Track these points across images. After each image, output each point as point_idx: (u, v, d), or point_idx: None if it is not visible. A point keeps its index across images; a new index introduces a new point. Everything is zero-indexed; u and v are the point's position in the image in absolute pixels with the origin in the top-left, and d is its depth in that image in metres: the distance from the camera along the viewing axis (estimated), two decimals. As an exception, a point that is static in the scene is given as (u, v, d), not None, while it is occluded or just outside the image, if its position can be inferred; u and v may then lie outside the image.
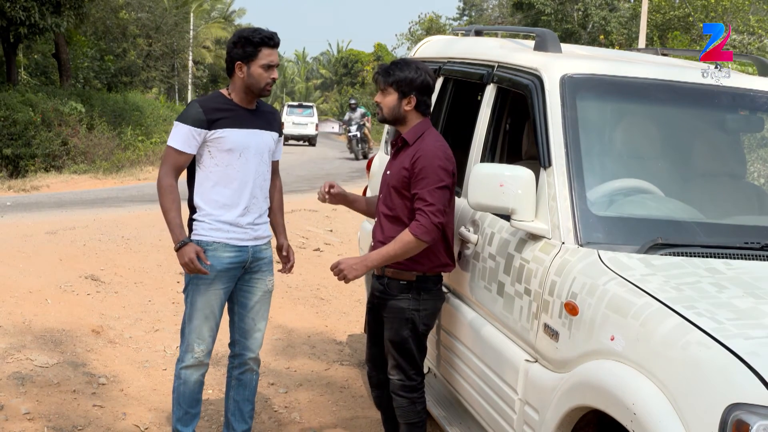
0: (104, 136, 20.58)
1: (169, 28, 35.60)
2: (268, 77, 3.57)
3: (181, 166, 3.63)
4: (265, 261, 3.82)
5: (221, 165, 3.61)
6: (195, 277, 3.65)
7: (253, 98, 3.66)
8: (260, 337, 3.90)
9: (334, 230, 10.38)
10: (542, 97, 3.28)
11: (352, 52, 68.94)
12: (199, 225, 3.65)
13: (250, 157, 3.64)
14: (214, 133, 3.57)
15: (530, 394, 2.95)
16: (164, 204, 3.59)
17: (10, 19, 18.44)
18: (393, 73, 3.45)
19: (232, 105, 3.64)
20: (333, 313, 6.78)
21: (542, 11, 32.55)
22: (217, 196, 3.63)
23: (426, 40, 5.17)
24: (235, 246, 3.66)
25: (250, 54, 3.55)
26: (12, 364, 4.83)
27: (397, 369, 3.55)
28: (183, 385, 3.78)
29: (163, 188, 3.59)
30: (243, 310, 3.83)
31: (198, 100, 3.69)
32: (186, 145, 3.57)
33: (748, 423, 2.02)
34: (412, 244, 3.33)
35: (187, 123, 3.55)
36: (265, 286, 3.84)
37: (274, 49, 3.59)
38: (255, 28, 3.62)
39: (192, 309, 3.70)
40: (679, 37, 20.60)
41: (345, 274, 3.39)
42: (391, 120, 3.53)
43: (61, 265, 7.06)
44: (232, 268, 3.69)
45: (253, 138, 3.66)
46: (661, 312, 2.42)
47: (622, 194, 3.18)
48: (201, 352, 3.72)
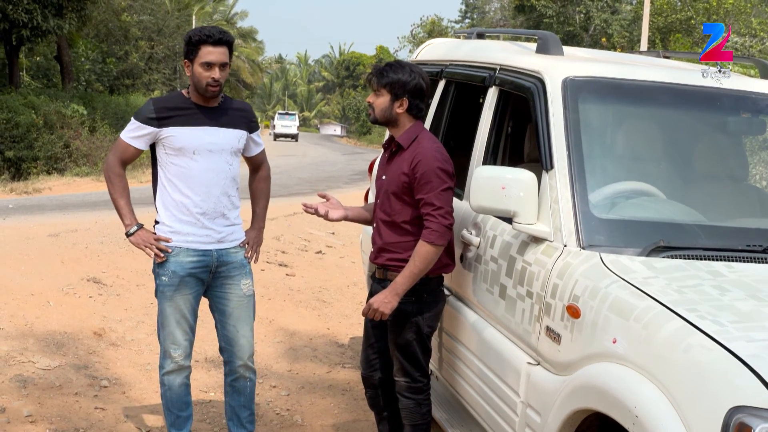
0: (106, 139, 20.60)
1: (171, 30, 35.67)
2: (208, 76, 3.48)
3: (128, 159, 3.65)
4: (235, 265, 3.71)
5: (177, 165, 3.57)
6: (161, 283, 3.63)
7: (209, 97, 3.56)
8: (246, 344, 3.79)
9: (336, 233, 10.38)
10: (544, 99, 3.28)
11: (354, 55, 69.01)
12: (159, 229, 3.64)
13: (206, 156, 3.57)
14: (162, 132, 3.55)
15: (532, 397, 2.95)
16: (112, 192, 3.66)
17: (12, 21, 18.48)
18: (387, 74, 3.44)
19: (187, 104, 3.59)
20: (335, 315, 6.78)
21: (544, 14, 32.58)
22: (176, 197, 3.59)
23: (428, 43, 5.17)
24: (197, 250, 3.61)
25: (191, 52, 3.51)
26: (14, 367, 4.83)
27: (402, 372, 3.55)
28: (169, 390, 3.77)
29: (109, 177, 3.65)
30: (222, 317, 3.77)
31: (154, 98, 3.69)
32: (132, 139, 3.59)
33: (751, 426, 2.01)
34: (431, 253, 3.31)
35: (137, 119, 3.59)
36: (240, 291, 3.74)
37: (217, 47, 3.48)
38: (200, 27, 3.55)
39: (162, 316, 3.67)
40: (681, 40, 20.59)
41: (381, 311, 3.35)
42: (383, 121, 3.52)
43: (63, 268, 7.06)
44: (196, 272, 3.63)
45: (208, 136, 3.57)
46: (664, 315, 2.42)
47: (624, 197, 3.18)
48: (179, 356, 3.70)
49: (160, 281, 3.64)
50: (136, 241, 3.62)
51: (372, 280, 3.68)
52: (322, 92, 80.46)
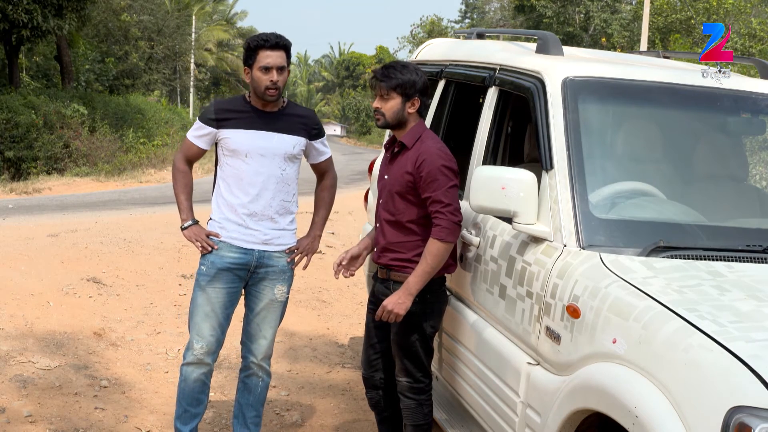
0: (106, 139, 20.63)
1: (171, 30, 35.66)
2: (266, 80, 3.55)
3: (192, 157, 3.79)
4: (275, 269, 3.75)
5: (232, 166, 3.67)
6: (199, 273, 3.72)
7: (270, 102, 3.63)
8: (265, 344, 3.84)
9: (335, 233, 10.38)
10: (544, 99, 3.28)
11: (353, 55, 69.07)
12: (210, 225, 3.74)
13: (258, 159, 3.63)
14: (220, 133, 3.66)
15: (532, 397, 2.95)
16: (174, 187, 3.82)
17: (12, 21, 18.48)
18: (394, 77, 3.41)
19: (247, 107, 3.67)
20: (335, 315, 6.78)
21: (544, 14, 32.60)
22: (227, 196, 3.69)
23: (428, 43, 5.17)
24: (239, 247, 3.67)
25: (249, 58, 3.60)
26: (14, 367, 4.83)
27: (404, 372, 3.55)
28: (183, 382, 3.79)
29: (173, 173, 3.82)
30: (250, 313, 3.83)
31: (217, 100, 3.84)
32: (195, 138, 3.73)
33: (750, 426, 2.01)
34: (442, 250, 3.31)
35: (200, 119, 3.74)
36: (273, 294, 3.77)
37: (274, 51, 3.56)
38: (258, 33, 3.65)
39: (193, 306, 3.75)
40: (680, 40, 20.60)
41: (396, 312, 3.34)
42: (394, 124, 3.48)
43: (62, 268, 7.06)
44: (234, 268, 3.68)
45: (263, 141, 3.63)
46: (663, 315, 2.42)
47: (623, 197, 3.18)
48: (200, 350, 3.72)
49: (199, 271, 3.74)
50: (188, 235, 3.74)
51: (373, 279, 3.68)
52: (322, 92, 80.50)
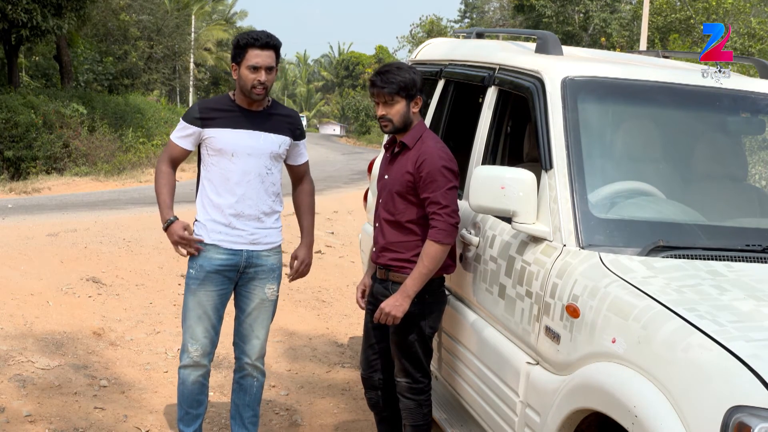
0: (105, 139, 20.61)
1: (170, 30, 35.63)
2: (254, 79, 3.52)
3: (176, 158, 3.75)
4: (264, 268, 3.74)
5: (217, 165, 3.64)
6: (188, 276, 3.70)
7: (255, 100, 3.62)
8: (258, 345, 3.83)
9: (335, 232, 10.38)
10: (543, 99, 3.28)
11: (353, 55, 69.02)
12: (195, 225, 3.71)
13: (245, 159, 3.61)
14: (205, 132, 3.63)
15: (531, 397, 2.95)
16: (156, 187, 3.74)
17: (11, 21, 18.47)
18: (394, 80, 3.38)
19: (232, 106, 3.65)
20: (334, 315, 6.78)
21: (543, 13, 32.59)
22: (212, 197, 3.66)
23: (427, 43, 5.17)
24: (227, 249, 3.65)
25: (238, 55, 3.57)
26: (13, 367, 4.83)
27: (403, 372, 3.55)
28: (182, 385, 3.80)
29: (156, 173, 3.75)
30: (241, 314, 3.82)
31: (201, 100, 3.80)
32: (179, 139, 3.69)
33: (750, 425, 2.01)
34: (439, 251, 3.31)
35: (184, 119, 3.69)
36: (264, 294, 3.77)
37: (264, 50, 3.53)
38: (248, 31, 3.64)
39: (185, 309, 3.73)
40: (679, 40, 20.60)
41: (394, 315, 3.34)
42: (402, 128, 3.45)
43: (62, 268, 7.06)
44: (223, 270, 3.66)
45: (249, 140, 3.62)
46: (663, 314, 2.42)
47: (623, 196, 3.18)
48: (195, 352, 3.72)
49: (188, 274, 3.71)
50: (172, 239, 3.67)
51: (372, 280, 3.68)
52: (322, 92, 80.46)
